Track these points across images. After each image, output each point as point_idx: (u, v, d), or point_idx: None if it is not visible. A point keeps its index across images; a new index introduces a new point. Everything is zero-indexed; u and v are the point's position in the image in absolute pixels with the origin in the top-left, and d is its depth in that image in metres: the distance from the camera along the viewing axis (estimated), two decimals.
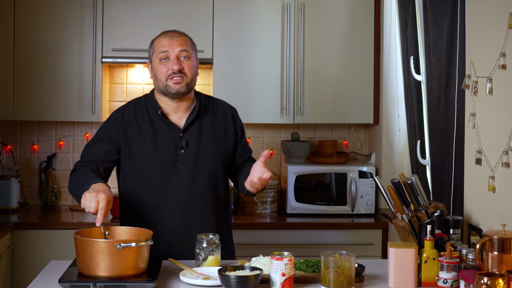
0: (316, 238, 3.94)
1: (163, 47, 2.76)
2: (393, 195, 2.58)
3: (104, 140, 2.79)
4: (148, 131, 2.78)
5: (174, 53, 2.74)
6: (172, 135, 2.77)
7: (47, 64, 4.06)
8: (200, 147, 2.78)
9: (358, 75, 4.20)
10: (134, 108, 2.83)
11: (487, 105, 2.58)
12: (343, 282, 2.26)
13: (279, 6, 4.14)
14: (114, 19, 4.09)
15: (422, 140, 3.65)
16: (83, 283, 2.27)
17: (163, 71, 2.75)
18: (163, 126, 2.79)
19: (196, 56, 2.83)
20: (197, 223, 2.76)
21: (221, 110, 2.89)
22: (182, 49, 2.76)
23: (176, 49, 2.75)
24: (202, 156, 2.78)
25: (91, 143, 2.81)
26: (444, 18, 3.16)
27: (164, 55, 2.75)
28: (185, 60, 2.76)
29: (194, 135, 2.79)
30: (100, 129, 2.84)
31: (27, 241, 3.82)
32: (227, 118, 2.88)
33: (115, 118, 2.82)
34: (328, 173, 4.14)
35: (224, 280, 2.28)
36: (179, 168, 2.76)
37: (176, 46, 2.75)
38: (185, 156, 2.76)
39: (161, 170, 2.75)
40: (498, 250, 2.18)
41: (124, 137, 2.78)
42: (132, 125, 2.79)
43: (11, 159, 4.37)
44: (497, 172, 2.49)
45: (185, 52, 2.76)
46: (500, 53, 2.45)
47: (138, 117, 2.80)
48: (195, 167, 2.77)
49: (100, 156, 2.77)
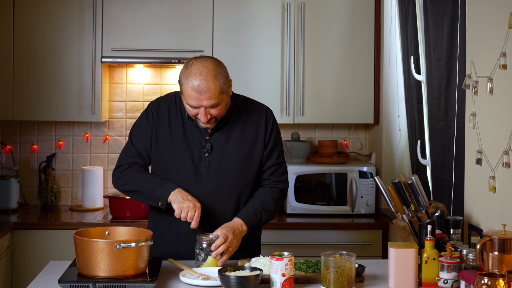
0: (316, 238, 3.94)
1: (190, 101, 2.59)
2: (394, 195, 2.58)
3: (146, 131, 2.78)
4: (178, 129, 2.75)
5: (202, 107, 2.60)
6: (199, 137, 2.74)
7: (46, 64, 4.06)
8: (224, 153, 2.73)
9: (358, 75, 4.19)
10: (170, 103, 2.80)
11: (488, 105, 2.58)
12: (343, 283, 2.26)
13: (279, 6, 4.13)
14: (113, 19, 4.09)
15: (423, 140, 3.64)
16: (82, 284, 2.27)
17: (191, 113, 2.65)
18: (192, 126, 2.75)
19: (227, 89, 2.64)
20: (215, 222, 2.71)
21: (256, 114, 2.80)
22: (210, 104, 2.58)
23: (205, 103, 2.58)
24: (225, 162, 2.73)
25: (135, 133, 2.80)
26: (445, 17, 3.16)
27: (192, 107, 2.62)
28: (213, 108, 2.61)
29: (221, 140, 2.74)
30: (140, 118, 2.81)
31: (27, 241, 3.82)
32: (260, 122, 2.79)
33: (152, 108, 2.80)
34: (328, 173, 4.14)
35: (224, 281, 2.27)
36: (201, 171, 2.72)
37: (205, 101, 2.57)
38: (208, 160, 2.72)
39: (182, 170, 2.73)
40: (498, 250, 2.17)
41: (155, 130, 2.77)
42: (164, 120, 2.77)
43: (10, 159, 4.36)
44: (498, 172, 2.49)
45: (214, 104, 2.60)
46: (500, 53, 2.45)
47: (172, 113, 2.78)
48: (217, 172, 2.72)
49: (147, 144, 2.77)
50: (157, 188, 2.65)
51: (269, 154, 2.80)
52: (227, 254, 2.56)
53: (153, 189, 2.65)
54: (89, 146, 4.41)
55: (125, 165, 2.77)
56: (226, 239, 2.55)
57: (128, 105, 4.42)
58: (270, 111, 2.84)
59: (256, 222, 2.71)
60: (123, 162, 2.77)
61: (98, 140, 4.41)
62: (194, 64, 2.60)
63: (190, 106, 2.61)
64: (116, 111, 4.42)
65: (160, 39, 4.11)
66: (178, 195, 2.60)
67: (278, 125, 2.86)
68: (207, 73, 2.58)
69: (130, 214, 3.96)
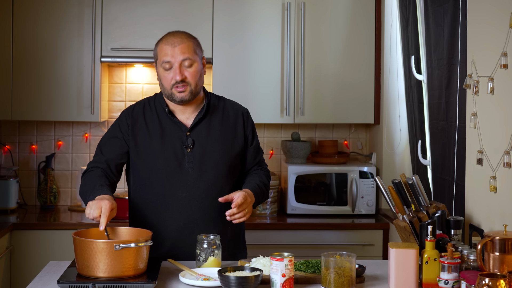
0: (316, 238, 3.93)
1: (165, 57, 2.72)
2: (394, 195, 2.57)
3: (117, 137, 2.81)
4: (155, 129, 2.78)
5: (176, 62, 2.71)
6: (179, 134, 2.78)
7: (45, 64, 4.05)
8: (207, 147, 2.78)
9: (358, 74, 4.19)
10: (144, 106, 2.85)
11: (489, 105, 2.57)
12: (343, 283, 2.25)
13: (279, 5, 4.13)
14: (113, 19, 4.08)
15: (423, 140, 3.64)
16: (82, 284, 2.27)
17: (167, 79, 2.73)
18: (170, 124, 2.79)
19: (201, 58, 2.79)
20: (201, 222, 2.75)
21: (232, 111, 2.87)
22: (184, 57, 2.72)
23: (178, 57, 2.71)
24: (209, 155, 2.77)
25: (104, 141, 2.84)
26: (445, 17, 3.15)
27: (167, 65, 2.72)
28: (187, 68, 2.73)
29: (201, 134, 2.79)
30: (112, 126, 2.86)
31: (26, 241, 3.81)
32: (237, 119, 2.86)
33: (125, 115, 2.84)
34: (329, 173, 4.13)
35: (224, 281, 2.26)
36: (185, 167, 2.75)
37: (178, 54, 2.71)
38: (191, 155, 2.76)
39: (166, 168, 2.75)
40: (499, 251, 2.17)
41: (132, 134, 2.80)
42: (140, 122, 2.81)
43: (9, 159, 4.36)
44: (499, 172, 2.48)
45: (188, 60, 2.72)
46: (501, 52, 2.44)
47: (147, 115, 2.82)
48: (201, 166, 2.76)
49: (112, 153, 2.79)
50: (89, 194, 2.61)
51: (254, 150, 2.90)
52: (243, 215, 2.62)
53: (88, 194, 2.62)
54: (89, 146, 4.41)
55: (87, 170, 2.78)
56: (245, 199, 2.62)
57: (128, 105, 4.38)
58: (246, 109, 2.95)
59: (259, 198, 2.80)
60: (87, 167, 2.80)
61: (98, 140, 4.39)
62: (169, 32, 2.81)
63: (165, 68, 2.72)
64: (115, 111, 4.41)
65: None
66: (99, 197, 2.53)
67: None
68: (181, 33, 2.79)
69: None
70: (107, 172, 2.75)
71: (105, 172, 2.74)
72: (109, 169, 2.76)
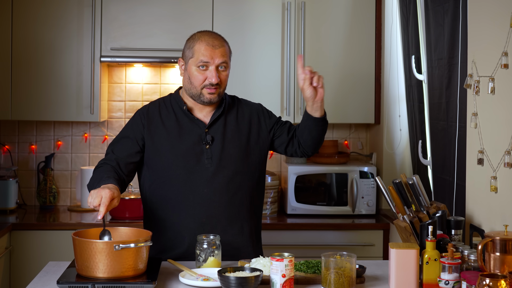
0: (316, 239, 3.92)
1: (204, 57, 2.72)
2: (394, 195, 2.57)
3: (129, 137, 2.81)
4: (173, 127, 2.79)
5: (214, 64, 2.72)
6: (198, 131, 2.79)
7: (45, 64, 4.05)
8: (225, 143, 2.79)
9: (359, 74, 4.18)
10: (159, 105, 2.85)
11: (489, 105, 2.56)
12: (344, 283, 2.25)
13: (279, 5, 4.12)
14: (113, 18, 4.07)
15: (424, 140, 3.63)
16: (81, 285, 2.27)
17: (199, 79, 2.74)
18: (188, 122, 2.80)
19: (230, 62, 2.83)
20: (222, 217, 2.76)
21: (246, 108, 2.90)
22: (222, 61, 2.73)
23: (217, 60, 2.72)
24: (227, 151, 2.78)
25: (116, 140, 2.84)
26: (446, 17, 3.15)
27: (204, 65, 2.73)
28: (222, 71, 2.75)
29: (219, 130, 2.80)
30: (126, 126, 2.86)
31: (25, 242, 3.80)
32: (252, 115, 2.88)
33: (140, 114, 2.85)
34: (329, 174, 4.13)
35: (224, 281, 2.26)
36: (204, 163, 2.76)
37: (218, 57, 2.72)
38: (210, 151, 2.77)
39: (185, 165, 2.76)
40: (500, 251, 2.16)
41: (149, 132, 2.80)
42: (156, 121, 2.81)
43: (9, 159, 4.35)
44: (499, 172, 2.47)
45: (224, 64, 2.75)
46: (502, 52, 2.44)
47: (163, 114, 2.82)
48: (220, 162, 2.77)
49: (123, 153, 2.78)
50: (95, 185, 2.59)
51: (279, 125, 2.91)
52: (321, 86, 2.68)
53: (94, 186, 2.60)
54: (88, 146, 4.40)
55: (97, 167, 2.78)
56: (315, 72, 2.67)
57: (127, 105, 4.41)
58: (259, 104, 2.99)
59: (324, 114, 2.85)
60: (97, 164, 2.80)
61: (97, 140, 4.40)
62: (203, 31, 2.82)
63: (200, 68, 2.72)
64: (115, 110, 4.41)
65: (160, 39, 4.10)
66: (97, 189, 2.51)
67: None
68: (219, 35, 2.81)
69: (129, 214, 3.95)
70: (116, 169, 2.74)
71: (115, 169, 2.74)
72: (119, 167, 2.75)
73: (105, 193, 2.45)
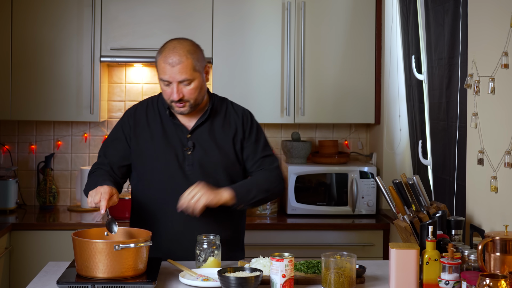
0: (316, 239, 3.92)
1: (163, 75, 2.67)
2: (395, 195, 2.57)
3: (119, 138, 2.81)
4: (157, 130, 2.78)
5: (174, 81, 2.66)
6: (180, 136, 2.77)
7: (45, 63, 4.04)
8: (207, 150, 2.76)
9: (359, 74, 4.18)
10: (147, 106, 2.84)
11: (489, 105, 2.56)
12: (344, 284, 2.25)
13: (279, 5, 4.12)
14: (112, 18, 4.07)
15: (424, 140, 3.63)
16: (81, 285, 2.27)
17: (166, 93, 2.71)
18: (172, 126, 2.78)
19: (202, 70, 2.72)
20: (200, 224, 2.74)
21: (234, 114, 2.84)
22: (182, 78, 2.65)
23: (176, 78, 2.66)
24: (209, 158, 2.76)
25: (107, 143, 2.84)
26: (446, 17, 3.14)
27: (166, 82, 2.69)
28: (185, 86, 2.68)
29: (202, 137, 2.77)
30: (115, 127, 2.85)
31: (25, 242, 3.80)
32: (238, 122, 2.83)
33: (128, 115, 2.84)
34: (329, 174, 4.12)
35: (224, 282, 2.26)
36: (185, 170, 2.74)
37: (176, 74, 2.65)
38: (191, 158, 2.75)
39: (167, 170, 2.75)
40: (500, 251, 2.16)
41: (134, 134, 2.79)
42: (142, 123, 2.80)
43: (8, 159, 4.35)
44: (500, 172, 2.47)
45: (186, 81, 2.67)
46: (502, 52, 2.43)
47: (150, 116, 2.81)
48: (201, 169, 2.75)
49: (115, 156, 2.79)
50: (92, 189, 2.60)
51: (253, 147, 2.82)
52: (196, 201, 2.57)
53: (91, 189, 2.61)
54: (88, 146, 4.40)
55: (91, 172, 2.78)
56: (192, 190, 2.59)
57: (127, 105, 4.40)
58: (248, 111, 2.90)
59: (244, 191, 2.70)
60: (91, 169, 2.80)
61: (97, 140, 4.40)
62: (170, 41, 2.74)
63: (164, 83, 2.68)
64: (115, 110, 4.40)
65: (160, 39, 4.03)
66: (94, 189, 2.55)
67: (257, 122, 2.90)
68: (181, 48, 2.68)
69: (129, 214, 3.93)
70: (110, 173, 2.75)
71: (109, 173, 2.75)
72: (112, 171, 2.76)
73: (104, 189, 2.49)
